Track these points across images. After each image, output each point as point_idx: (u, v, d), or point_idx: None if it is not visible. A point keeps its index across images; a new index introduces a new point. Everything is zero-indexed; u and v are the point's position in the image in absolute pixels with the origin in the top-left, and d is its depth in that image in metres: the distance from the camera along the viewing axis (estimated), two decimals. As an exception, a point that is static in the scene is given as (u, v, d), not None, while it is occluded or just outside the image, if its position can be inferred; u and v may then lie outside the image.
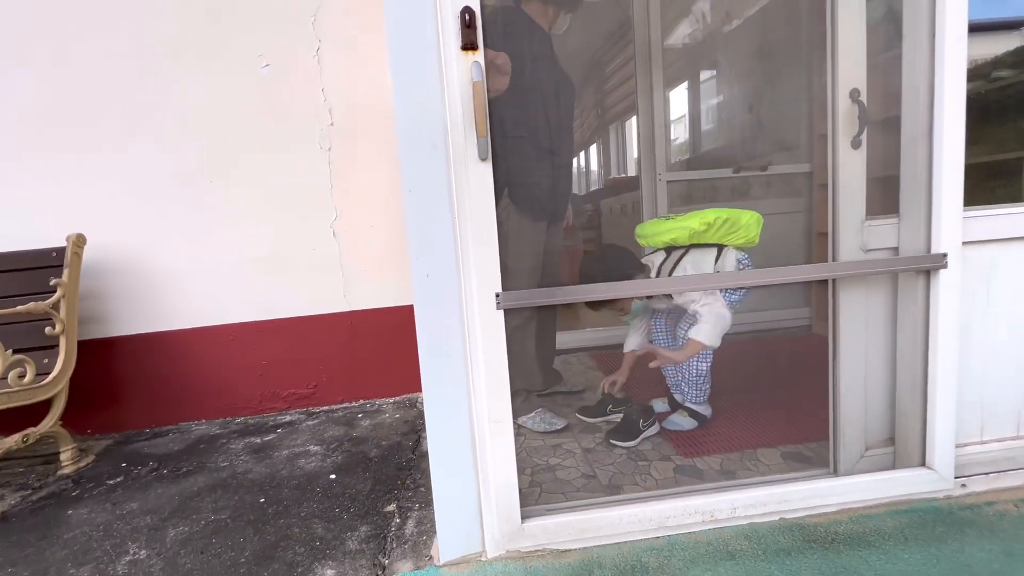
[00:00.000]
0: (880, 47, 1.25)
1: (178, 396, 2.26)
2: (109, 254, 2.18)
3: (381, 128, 2.22)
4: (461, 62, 1.03)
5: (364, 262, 2.30)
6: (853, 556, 1.10)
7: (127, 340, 2.22)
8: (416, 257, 1.08)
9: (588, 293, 1.21)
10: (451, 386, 1.11)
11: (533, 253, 1.54)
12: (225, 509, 1.51)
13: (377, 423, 2.11)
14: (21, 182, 2.10)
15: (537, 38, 1.60)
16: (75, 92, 2.09)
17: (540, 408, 1.81)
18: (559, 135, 1.57)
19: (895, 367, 1.32)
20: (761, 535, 1.19)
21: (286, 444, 1.96)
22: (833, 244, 1.28)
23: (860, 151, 1.24)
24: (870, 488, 1.26)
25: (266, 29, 2.16)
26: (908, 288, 1.28)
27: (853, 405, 1.32)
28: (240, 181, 2.20)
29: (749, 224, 1.51)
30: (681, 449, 1.57)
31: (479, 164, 1.05)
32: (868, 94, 1.23)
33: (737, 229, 1.51)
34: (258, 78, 2.18)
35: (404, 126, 1.06)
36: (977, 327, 1.31)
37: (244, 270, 2.23)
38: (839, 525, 1.21)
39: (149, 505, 1.57)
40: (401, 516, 1.41)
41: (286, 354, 2.30)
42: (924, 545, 1.12)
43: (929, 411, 1.26)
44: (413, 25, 1.04)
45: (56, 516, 1.55)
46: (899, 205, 1.28)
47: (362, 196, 2.27)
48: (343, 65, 2.20)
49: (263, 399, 2.32)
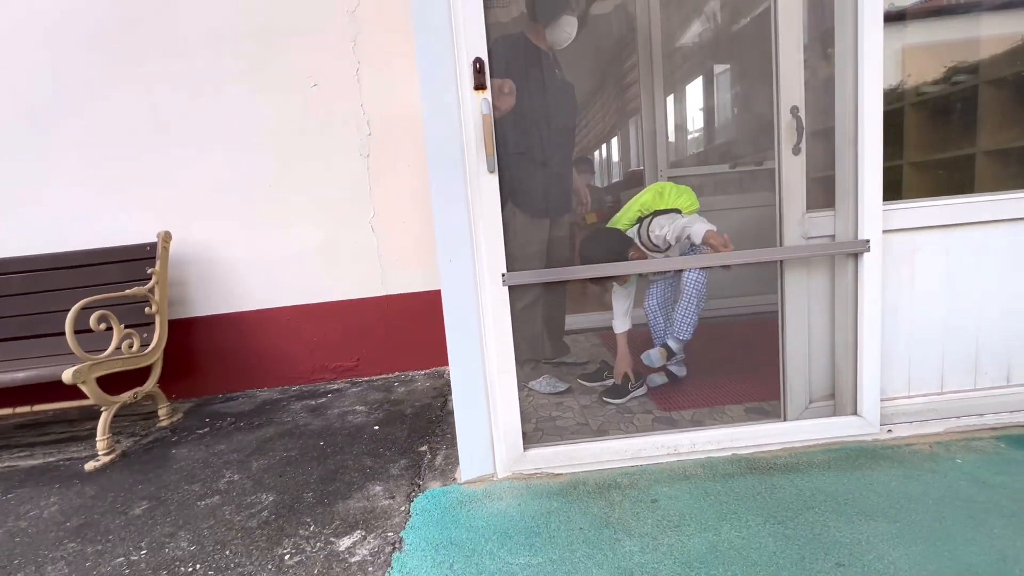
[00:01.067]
0: (816, 70, 1.52)
1: (245, 367, 2.69)
2: (189, 248, 2.61)
3: (411, 137, 2.58)
4: (474, 99, 1.36)
5: (397, 253, 2.67)
6: (782, 478, 1.40)
7: (204, 320, 2.66)
8: (442, 247, 1.42)
9: (573, 273, 1.54)
10: (469, 345, 1.46)
11: (537, 242, 1.88)
12: (293, 449, 1.91)
13: (410, 389, 2.48)
14: (120, 188, 2.55)
15: (536, 58, 1.92)
16: (160, 111, 2.52)
17: (546, 374, 2.15)
18: (557, 144, 1.90)
19: (834, 334, 1.60)
20: (714, 465, 1.50)
21: (336, 405, 2.36)
22: (780, 233, 1.57)
23: (800, 157, 1.52)
24: (808, 430, 1.55)
25: (313, 53, 2.53)
26: (842, 269, 1.56)
27: (798, 363, 1.61)
28: (294, 185, 2.60)
29: (680, 194, 1.95)
30: (660, 404, 1.88)
31: (488, 176, 1.39)
32: (812, 108, 1.51)
33: (678, 197, 1.94)
34: (307, 96, 2.57)
35: (432, 147, 1.40)
36: (904, 301, 1.57)
37: (298, 261, 2.64)
38: (779, 459, 1.51)
39: (233, 447, 1.99)
40: (431, 454, 1.77)
41: (333, 332, 2.70)
42: (842, 471, 1.41)
43: (859, 369, 1.54)
44: (438, 71, 1.37)
45: (163, 454, 1.98)
46: (835, 200, 1.55)
47: (395, 196, 2.64)
48: (379, 83, 2.56)
49: (314, 370, 2.73)
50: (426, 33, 1.35)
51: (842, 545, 1.12)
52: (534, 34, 1.95)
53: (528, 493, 1.44)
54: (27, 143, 2.50)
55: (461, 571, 1.14)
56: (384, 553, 1.24)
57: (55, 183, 2.53)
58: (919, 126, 2.63)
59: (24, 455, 2.10)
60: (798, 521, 1.21)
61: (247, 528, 1.40)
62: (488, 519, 1.33)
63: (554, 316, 2.33)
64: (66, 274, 2.38)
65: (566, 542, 1.21)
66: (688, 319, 1.96)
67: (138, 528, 1.45)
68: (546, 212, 1.91)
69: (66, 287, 2.36)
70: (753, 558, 1.10)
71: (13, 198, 2.53)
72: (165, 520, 1.48)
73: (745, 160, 3.03)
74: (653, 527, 1.24)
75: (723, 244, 1.65)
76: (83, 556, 1.34)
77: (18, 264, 2.38)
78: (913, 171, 2.46)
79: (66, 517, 1.55)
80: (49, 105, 2.48)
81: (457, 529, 1.30)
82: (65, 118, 2.49)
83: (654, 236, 1.89)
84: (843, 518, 1.21)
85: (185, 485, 1.69)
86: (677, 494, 1.37)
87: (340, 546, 1.28)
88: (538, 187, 1.85)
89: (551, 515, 1.32)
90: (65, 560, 1.33)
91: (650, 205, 1.96)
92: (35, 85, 2.47)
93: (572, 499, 1.39)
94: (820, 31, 1.52)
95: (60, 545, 1.40)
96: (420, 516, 1.37)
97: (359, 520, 1.39)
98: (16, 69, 2.46)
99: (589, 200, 2.38)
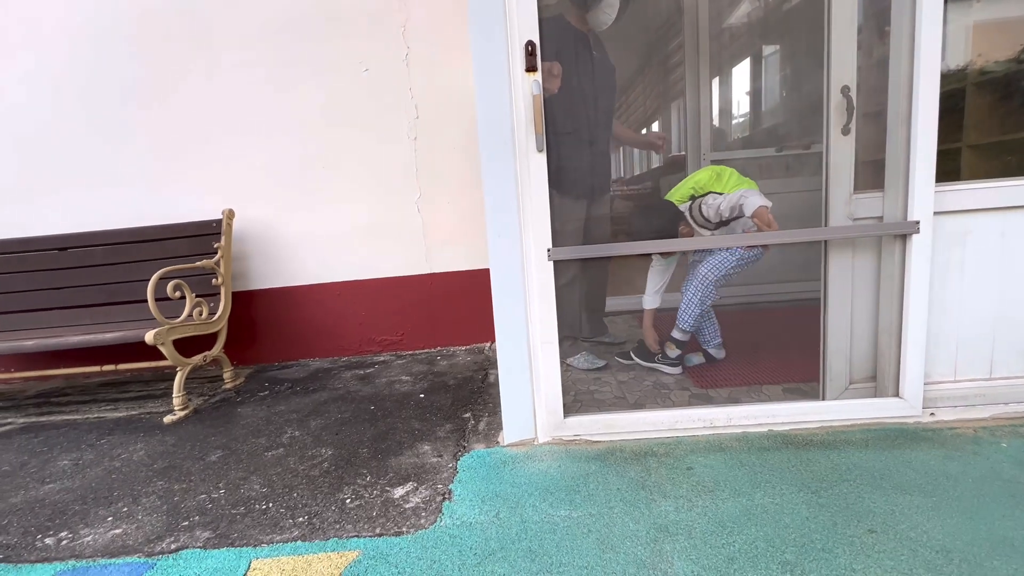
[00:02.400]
0: (868, 50, 1.51)
1: (299, 338, 2.88)
2: (249, 224, 2.79)
3: (456, 121, 2.66)
4: (525, 80, 1.42)
5: (442, 232, 2.78)
6: (818, 453, 1.43)
7: (263, 293, 2.85)
8: (491, 222, 1.50)
9: (614, 250, 1.59)
10: (515, 315, 1.54)
11: (576, 220, 1.94)
12: (347, 412, 2.05)
13: (453, 363, 2.60)
14: (189, 168, 2.75)
15: (578, 41, 1.95)
16: (224, 97, 2.69)
17: (584, 351, 2.22)
18: (600, 124, 1.95)
19: (877, 317, 1.60)
20: (750, 439, 1.54)
21: (383, 375, 2.50)
22: (825, 213, 1.57)
23: (849, 137, 1.51)
24: (847, 410, 1.57)
25: (365, 39, 2.64)
26: (889, 250, 1.55)
27: (839, 344, 1.62)
28: (346, 166, 2.73)
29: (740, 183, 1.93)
30: (697, 382, 1.92)
31: (537, 154, 1.46)
32: (863, 89, 1.50)
33: (737, 184, 1.91)
34: (359, 81, 2.68)
35: (483, 126, 1.47)
36: (953, 284, 1.55)
37: (349, 238, 2.78)
38: (816, 436, 1.53)
39: (292, 407, 2.15)
40: (475, 420, 1.88)
41: (380, 307, 2.85)
42: (880, 449, 1.43)
43: (902, 350, 1.54)
44: (491, 53, 1.44)
45: (230, 412, 2.17)
46: (884, 181, 1.54)
47: (441, 178, 2.73)
48: (427, 68, 2.65)
49: (362, 343, 2.88)
50: (480, 16, 1.42)
51: (875, 514, 1.15)
52: (573, 16, 1.99)
53: (567, 457, 1.52)
54: (111, 126, 2.72)
55: (506, 519, 1.24)
56: (435, 502, 1.35)
57: (135, 163, 2.75)
58: (983, 107, 2.51)
59: (110, 408, 2.33)
60: (832, 492, 1.25)
61: (310, 476, 1.54)
62: (530, 477, 1.42)
63: (594, 294, 2.40)
64: (142, 247, 2.60)
65: (604, 500, 1.29)
66: (689, 309, 1.99)
67: (215, 472, 1.62)
68: (589, 191, 1.96)
69: (142, 259, 2.58)
70: (785, 521, 1.15)
71: (99, 176, 2.76)
72: (238, 466, 1.65)
73: (792, 144, 2.97)
74: (688, 491, 1.30)
75: (768, 224, 1.67)
76: (171, 492, 1.51)
77: (102, 237, 2.61)
78: (973, 154, 2.37)
79: (152, 460, 1.74)
80: (131, 92, 2.69)
81: (501, 484, 1.40)
82: (144, 104, 2.69)
83: (706, 208, 1.92)
84: (878, 491, 1.24)
85: (252, 438, 1.86)
86: (712, 463, 1.42)
87: (395, 494, 1.41)
88: (582, 166, 1.90)
89: (589, 476, 1.40)
90: (156, 494, 1.51)
91: (705, 185, 1.98)
92: (120, 73, 2.68)
93: (609, 464, 1.46)
94: (875, 9, 1.50)
95: (150, 482, 1.58)
96: (466, 472, 1.48)
97: (411, 473, 1.51)
98: (106, 58, 2.67)
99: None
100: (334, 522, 1.30)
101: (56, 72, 2.68)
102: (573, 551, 1.11)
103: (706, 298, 1.93)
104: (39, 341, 2.11)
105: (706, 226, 1.95)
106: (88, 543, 1.29)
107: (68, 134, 2.73)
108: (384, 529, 1.25)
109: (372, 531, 1.25)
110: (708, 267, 1.90)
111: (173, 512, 1.40)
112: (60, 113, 2.71)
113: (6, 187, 2.78)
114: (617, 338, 2.50)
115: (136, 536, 1.31)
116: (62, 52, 2.67)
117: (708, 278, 1.90)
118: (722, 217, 1.90)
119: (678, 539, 1.12)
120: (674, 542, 1.12)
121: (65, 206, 2.78)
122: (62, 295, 2.58)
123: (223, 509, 1.40)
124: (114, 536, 1.31)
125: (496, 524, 1.23)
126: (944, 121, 1.45)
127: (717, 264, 1.89)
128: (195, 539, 1.27)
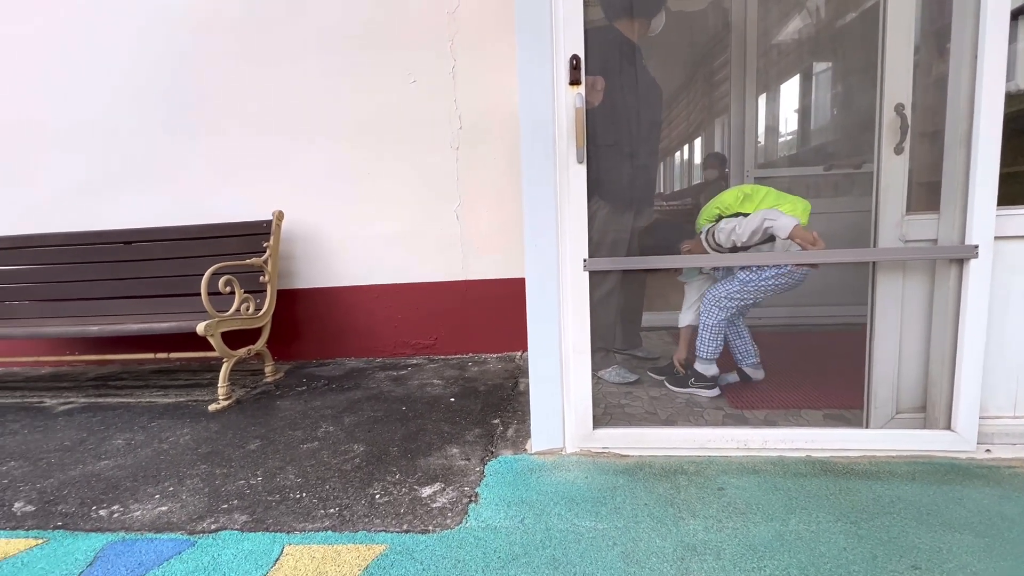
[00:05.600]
0: (924, 67, 1.46)
1: (337, 337, 2.97)
2: (296, 226, 2.92)
3: (499, 133, 2.71)
4: (569, 93, 1.45)
5: (479, 241, 2.82)
6: (859, 483, 1.37)
7: (305, 292, 2.96)
8: (529, 230, 1.52)
9: (650, 262, 1.58)
10: (548, 324, 1.55)
11: (615, 231, 1.93)
12: (379, 411, 2.10)
13: (484, 369, 2.63)
14: (241, 170, 2.90)
15: (626, 52, 1.96)
16: (278, 103, 2.84)
17: (616, 364, 2.20)
18: (643, 138, 1.95)
19: (929, 345, 1.53)
20: (785, 463, 1.49)
21: (415, 377, 2.55)
22: (875, 234, 1.52)
23: (902, 156, 1.46)
24: (893, 440, 1.49)
25: (414, 51, 2.73)
26: (943, 275, 1.48)
27: (886, 371, 1.55)
28: (389, 173, 2.82)
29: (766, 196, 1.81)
30: (732, 402, 1.88)
31: (577, 166, 1.47)
32: (918, 107, 1.46)
33: (758, 200, 1.80)
34: (406, 91, 2.78)
35: (526, 136, 1.50)
36: (1015, 313, 1.47)
37: (389, 243, 2.87)
38: (857, 465, 1.47)
39: (327, 404, 2.22)
40: (503, 426, 1.89)
41: (415, 311, 2.91)
42: (928, 484, 1.35)
43: (956, 381, 1.46)
44: (536, 65, 1.48)
45: (269, 404, 2.26)
46: (940, 203, 1.48)
47: (480, 187, 2.79)
48: (472, 80, 2.72)
49: (396, 345, 2.95)
50: (527, 28, 1.46)
51: (920, 551, 1.10)
52: (623, 26, 2.00)
53: (595, 468, 1.51)
54: (177, 131, 2.91)
55: (531, 526, 1.24)
56: (461, 503, 1.37)
57: (191, 164, 2.93)
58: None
59: (161, 394, 2.47)
60: (873, 523, 1.19)
61: (343, 470, 1.59)
62: (556, 486, 1.42)
63: (629, 308, 2.38)
64: (198, 243, 2.75)
65: (631, 514, 1.27)
66: (703, 335, 1.94)
67: (254, 459, 1.69)
68: (630, 204, 1.96)
69: (197, 255, 2.73)
70: (821, 550, 1.11)
71: (162, 176, 2.96)
72: (275, 456, 1.71)
73: (840, 162, 2.88)
74: (718, 511, 1.27)
75: (812, 241, 1.62)
76: (213, 476, 1.59)
77: (162, 233, 2.79)
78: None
79: (197, 444, 1.83)
80: (191, 96, 2.88)
81: (528, 491, 1.40)
82: (206, 111, 2.87)
83: (718, 233, 1.83)
84: (924, 526, 1.18)
85: (289, 431, 1.93)
86: (745, 485, 1.38)
87: (423, 493, 1.43)
88: (623, 179, 1.91)
89: (617, 490, 1.39)
90: (199, 477, 1.59)
91: (731, 206, 1.87)
92: (181, 78, 2.87)
93: (638, 478, 1.45)
94: (935, 27, 1.46)
95: (194, 465, 1.67)
96: (493, 476, 1.49)
97: (439, 474, 1.53)
98: (169, 63, 2.87)
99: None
100: (363, 515, 1.33)
101: (133, 82, 2.90)
102: (597, 562, 1.10)
103: (720, 319, 1.89)
104: (103, 327, 2.27)
105: (719, 251, 1.85)
106: (137, 517, 1.37)
107: (139, 139, 2.94)
108: (411, 526, 1.28)
109: (399, 527, 1.27)
110: (721, 288, 1.86)
111: (214, 495, 1.47)
112: (133, 119, 2.93)
113: (82, 183, 3.01)
114: (651, 353, 2.46)
115: (180, 514, 1.38)
116: (138, 64, 2.88)
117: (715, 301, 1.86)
118: (736, 243, 1.77)
119: (706, 559, 1.10)
120: (702, 562, 1.09)
121: (132, 203, 2.99)
122: (124, 285, 2.76)
123: (260, 495, 1.46)
124: (160, 513, 1.39)
125: (521, 530, 1.23)
126: (1011, 143, 1.39)
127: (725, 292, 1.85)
128: (233, 521, 1.33)
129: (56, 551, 1.24)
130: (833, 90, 3.07)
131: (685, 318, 2.07)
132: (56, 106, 2.96)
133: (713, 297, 1.88)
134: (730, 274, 1.90)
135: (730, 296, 1.85)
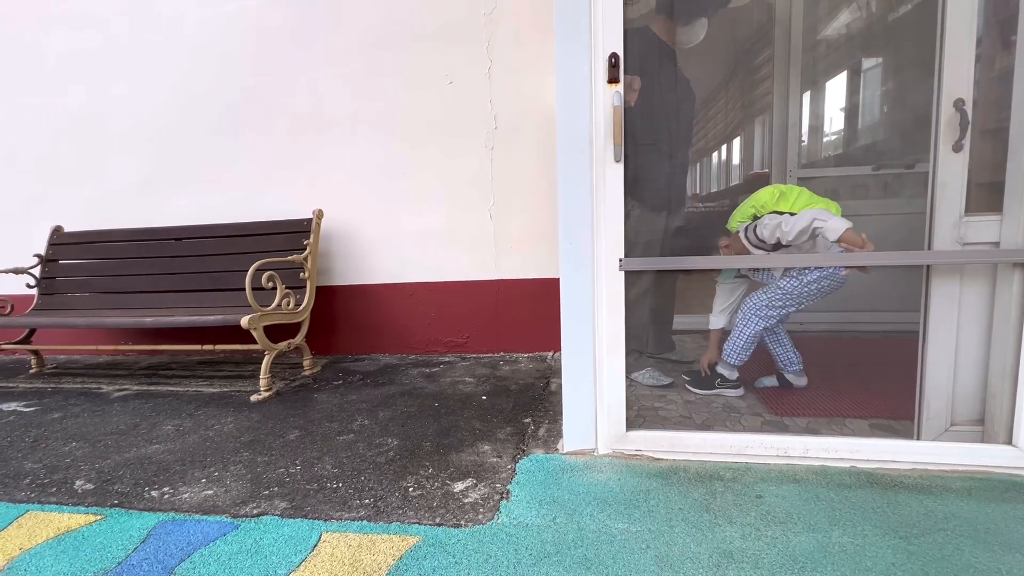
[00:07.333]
0: (990, 61, 1.38)
1: (372, 333, 3.04)
2: (335, 224, 3.00)
3: (533, 134, 2.72)
4: (607, 91, 1.44)
5: (512, 240, 2.83)
6: (909, 497, 1.31)
7: (342, 288, 3.04)
8: (564, 229, 1.52)
9: (688, 263, 1.55)
10: (582, 323, 1.55)
11: (651, 232, 1.91)
12: (412, 406, 2.14)
13: (515, 369, 2.63)
14: (285, 169, 3.01)
15: (663, 54, 1.94)
16: (321, 105, 2.92)
17: (650, 367, 2.17)
18: (679, 137, 1.91)
19: (988, 354, 1.44)
20: (828, 473, 1.43)
21: (448, 374, 2.58)
22: (929, 236, 1.45)
23: (961, 154, 1.39)
24: (947, 453, 1.42)
25: (451, 52, 2.77)
26: (1006, 280, 1.39)
27: (940, 381, 1.47)
28: (425, 172, 2.87)
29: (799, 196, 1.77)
30: (771, 408, 1.82)
31: (614, 164, 1.46)
32: (979, 103, 1.38)
33: (793, 200, 1.76)
34: (443, 92, 2.82)
35: (563, 134, 1.50)
36: (1087, 322, 1.37)
37: (423, 242, 2.91)
38: (907, 479, 1.40)
39: (363, 398, 2.27)
40: (535, 425, 1.89)
41: (448, 309, 2.94)
42: (985, 500, 1.28)
43: (1019, 394, 1.37)
44: (575, 63, 1.47)
45: (307, 397, 2.33)
46: (1002, 204, 1.39)
47: (514, 187, 2.80)
48: (507, 81, 2.73)
49: (429, 343, 2.99)
50: (566, 25, 1.45)
51: (977, 570, 1.04)
52: (659, 28, 1.97)
53: (628, 471, 1.49)
54: (226, 133, 3.04)
55: (563, 525, 1.24)
56: (493, 500, 1.38)
57: (239, 163, 3.05)
58: None
59: (206, 384, 2.58)
60: (925, 540, 1.14)
61: (377, 462, 1.63)
62: (588, 487, 1.41)
63: (662, 311, 2.34)
64: (244, 240, 2.87)
65: (665, 518, 1.25)
66: (736, 342, 1.88)
67: (293, 449, 1.75)
68: (666, 204, 1.93)
69: (243, 251, 2.85)
70: (867, 564, 1.06)
71: (213, 175, 3.10)
72: (312, 446, 1.76)
73: (891, 162, 2.75)
74: (756, 519, 1.23)
75: (861, 245, 1.56)
76: (255, 463, 1.65)
77: (211, 230, 2.92)
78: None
79: (240, 433, 1.91)
80: (242, 97, 3.00)
81: (559, 490, 1.40)
82: (254, 113, 2.99)
83: (761, 228, 1.79)
84: (981, 545, 1.11)
85: (326, 423, 1.99)
86: (784, 494, 1.34)
87: (455, 488, 1.45)
88: (660, 179, 1.88)
89: (650, 493, 1.37)
90: (242, 463, 1.65)
91: (767, 205, 1.83)
92: (234, 81, 3.00)
93: (672, 482, 1.42)
94: (998, 18, 1.37)
95: (237, 452, 1.74)
96: (525, 475, 1.50)
97: (471, 470, 1.55)
98: (224, 65, 3.00)
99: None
100: (397, 507, 1.36)
101: (187, 86, 3.05)
102: (629, 565, 1.09)
103: (758, 327, 1.83)
104: (156, 319, 2.39)
105: (762, 247, 1.81)
106: (185, 499, 1.44)
107: (191, 140, 3.09)
108: (443, 520, 1.29)
109: (432, 520, 1.29)
110: (762, 295, 1.80)
111: (256, 481, 1.53)
112: (186, 122, 3.08)
113: (139, 182, 3.18)
114: (685, 356, 2.41)
115: (224, 498, 1.44)
116: (194, 68, 3.03)
117: (758, 306, 1.80)
118: (782, 240, 1.74)
119: (743, 567, 1.07)
120: (739, 569, 1.06)
121: (186, 202, 3.14)
122: (175, 279, 2.90)
123: (299, 484, 1.51)
124: (206, 496, 1.45)
125: (552, 528, 1.23)
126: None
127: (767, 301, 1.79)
128: (274, 507, 1.38)
129: (113, 527, 1.31)
130: (884, 86, 2.93)
131: (717, 321, 2.02)
132: (118, 106, 3.14)
133: (754, 306, 1.83)
134: (769, 275, 1.85)
135: (771, 305, 1.80)
